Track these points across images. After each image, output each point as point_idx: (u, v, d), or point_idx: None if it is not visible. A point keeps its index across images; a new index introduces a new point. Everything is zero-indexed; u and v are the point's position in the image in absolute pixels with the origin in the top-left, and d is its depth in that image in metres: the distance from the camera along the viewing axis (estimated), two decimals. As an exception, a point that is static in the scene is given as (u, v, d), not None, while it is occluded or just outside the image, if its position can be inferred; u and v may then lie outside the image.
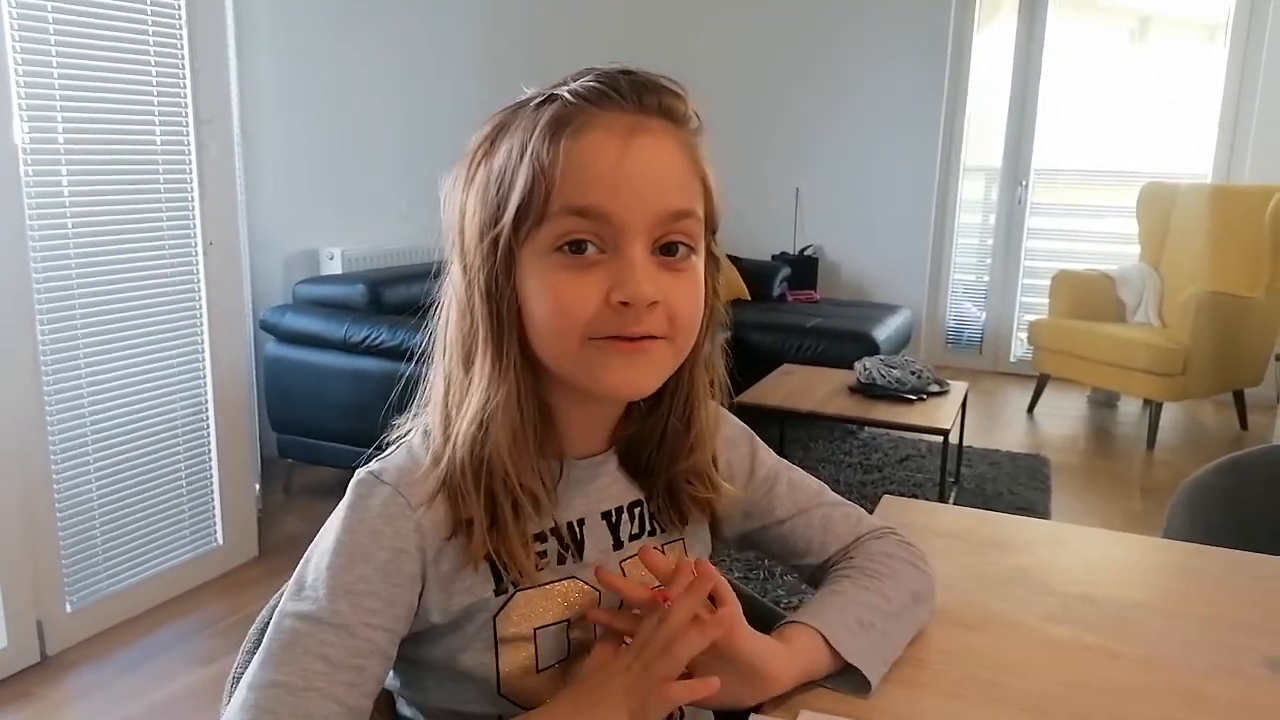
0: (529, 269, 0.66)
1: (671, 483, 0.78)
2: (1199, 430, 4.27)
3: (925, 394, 3.16)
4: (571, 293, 0.65)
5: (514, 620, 0.71)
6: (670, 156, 0.67)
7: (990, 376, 5.16)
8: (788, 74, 5.16)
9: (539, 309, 0.66)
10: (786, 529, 0.87)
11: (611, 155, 0.64)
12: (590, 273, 0.65)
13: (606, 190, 0.64)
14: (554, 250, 0.65)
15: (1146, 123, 4.86)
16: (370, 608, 0.65)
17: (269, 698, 0.62)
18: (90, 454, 2.20)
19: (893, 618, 0.79)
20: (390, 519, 0.67)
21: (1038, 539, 1.08)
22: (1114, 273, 4.41)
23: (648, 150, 0.65)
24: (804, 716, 0.72)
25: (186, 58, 2.32)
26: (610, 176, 0.64)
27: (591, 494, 0.76)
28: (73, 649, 2.18)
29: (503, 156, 0.66)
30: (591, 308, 0.65)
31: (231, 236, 2.52)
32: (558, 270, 0.65)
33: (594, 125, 0.64)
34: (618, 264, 0.65)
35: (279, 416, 3.06)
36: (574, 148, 0.63)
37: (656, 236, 0.66)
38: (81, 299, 2.14)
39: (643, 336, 0.66)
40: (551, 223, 0.64)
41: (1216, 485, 1.30)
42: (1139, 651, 0.83)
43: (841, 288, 5.20)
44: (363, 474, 0.70)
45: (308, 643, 0.63)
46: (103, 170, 2.17)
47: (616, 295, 0.64)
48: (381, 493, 0.68)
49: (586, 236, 0.64)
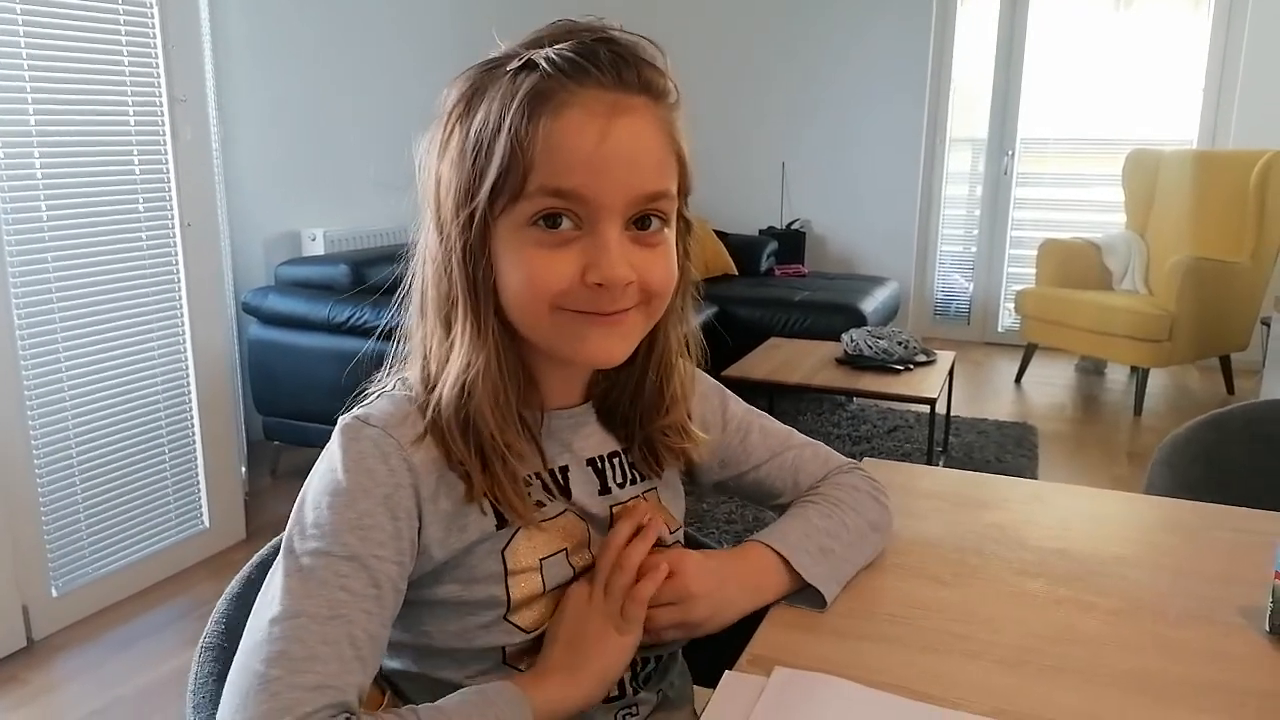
0: (504, 240, 0.67)
1: (649, 436, 0.81)
2: (1185, 396, 4.29)
3: (912, 364, 3.16)
4: (545, 268, 0.66)
5: (521, 553, 0.73)
6: (649, 137, 0.67)
7: (978, 347, 5.16)
8: (773, 48, 5.13)
9: (513, 280, 0.67)
10: (762, 473, 0.91)
11: (591, 138, 0.64)
12: (565, 249, 0.66)
13: (585, 173, 0.64)
14: (529, 225, 0.66)
15: (1132, 90, 4.84)
16: (378, 540, 0.65)
17: (295, 627, 0.61)
18: (72, 438, 2.18)
19: (850, 545, 0.85)
20: (384, 457, 0.67)
21: (1016, 497, 1.08)
22: (1100, 241, 4.41)
23: (627, 132, 0.65)
24: (778, 672, 0.71)
25: (159, 36, 2.28)
26: (589, 160, 0.64)
27: (574, 443, 0.79)
28: (59, 633, 2.17)
29: (479, 124, 0.66)
30: (564, 283, 0.66)
31: (210, 217, 2.49)
32: (532, 245, 0.66)
33: (573, 103, 0.64)
34: (593, 243, 0.66)
35: (263, 399, 3.05)
36: (553, 128, 0.63)
37: (632, 213, 0.67)
38: (58, 282, 2.12)
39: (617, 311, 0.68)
40: (528, 200, 0.65)
41: (1197, 442, 1.30)
42: (1113, 603, 0.83)
43: (829, 261, 5.19)
44: (348, 419, 0.70)
45: (324, 574, 0.63)
46: (76, 152, 2.14)
47: (592, 276, 0.65)
48: (370, 434, 0.68)
49: (562, 213, 0.65)
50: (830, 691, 0.69)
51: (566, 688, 0.71)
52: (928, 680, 0.71)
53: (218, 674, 0.70)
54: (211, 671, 0.71)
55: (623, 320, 0.69)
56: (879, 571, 0.88)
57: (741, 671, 0.72)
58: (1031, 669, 0.72)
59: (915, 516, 1.01)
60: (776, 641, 0.76)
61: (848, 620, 0.80)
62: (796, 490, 0.91)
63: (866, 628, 0.78)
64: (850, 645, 0.76)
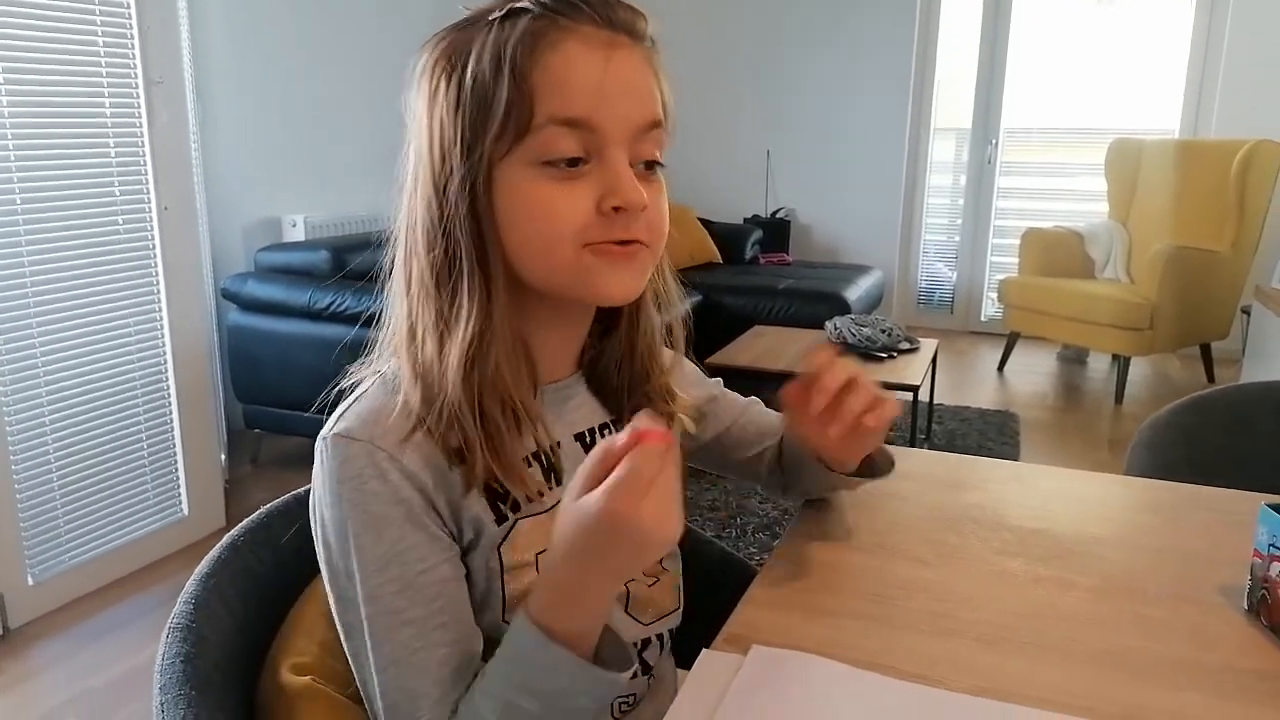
0: (510, 185, 0.66)
1: (637, 405, 0.79)
2: (1166, 384, 4.32)
3: (896, 351, 3.17)
4: (564, 203, 0.65)
5: (519, 548, 0.71)
6: (644, 71, 0.68)
7: (962, 336, 5.18)
8: (758, 37, 5.11)
9: (527, 222, 0.66)
10: (736, 429, 0.96)
11: (595, 67, 0.64)
12: (579, 182, 0.65)
13: (592, 100, 0.64)
14: (540, 164, 0.65)
15: (1114, 80, 4.85)
16: (419, 556, 0.66)
17: (391, 679, 0.65)
18: (48, 425, 2.15)
19: None
20: (381, 475, 0.65)
21: (996, 478, 1.08)
22: (1083, 230, 4.42)
23: (626, 64, 0.66)
24: (755, 650, 0.71)
25: (134, 17, 2.25)
26: (596, 87, 0.64)
27: (564, 417, 0.77)
28: (35, 622, 2.14)
29: (474, 70, 0.65)
30: (583, 215, 0.65)
31: (188, 201, 2.46)
32: (546, 183, 0.65)
33: (570, 38, 0.64)
34: (604, 172, 0.65)
35: (244, 386, 3.02)
36: (555, 60, 0.64)
37: (634, 148, 0.67)
38: (32, 267, 2.08)
39: (632, 241, 0.67)
40: (535, 135, 0.64)
41: (1177, 424, 1.30)
42: (1092, 582, 0.82)
43: (813, 250, 5.19)
44: (330, 437, 0.67)
45: (386, 621, 0.65)
46: (50, 135, 2.10)
47: (610, 201, 0.65)
48: (358, 451, 0.66)
49: (572, 148, 0.64)
50: (807, 670, 0.68)
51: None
52: (906, 658, 0.70)
53: (185, 654, 0.69)
54: (179, 652, 0.69)
55: (638, 253, 0.68)
56: (858, 551, 0.88)
57: (719, 650, 0.71)
58: (1010, 647, 0.72)
59: (895, 497, 1.00)
60: (754, 621, 0.76)
61: (826, 599, 0.79)
62: (748, 450, 0.96)
63: (845, 607, 0.78)
64: (829, 624, 0.75)
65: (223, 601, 0.76)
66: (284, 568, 0.82)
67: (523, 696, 0.62)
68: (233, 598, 0.77)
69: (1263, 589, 0.75)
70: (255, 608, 0.78)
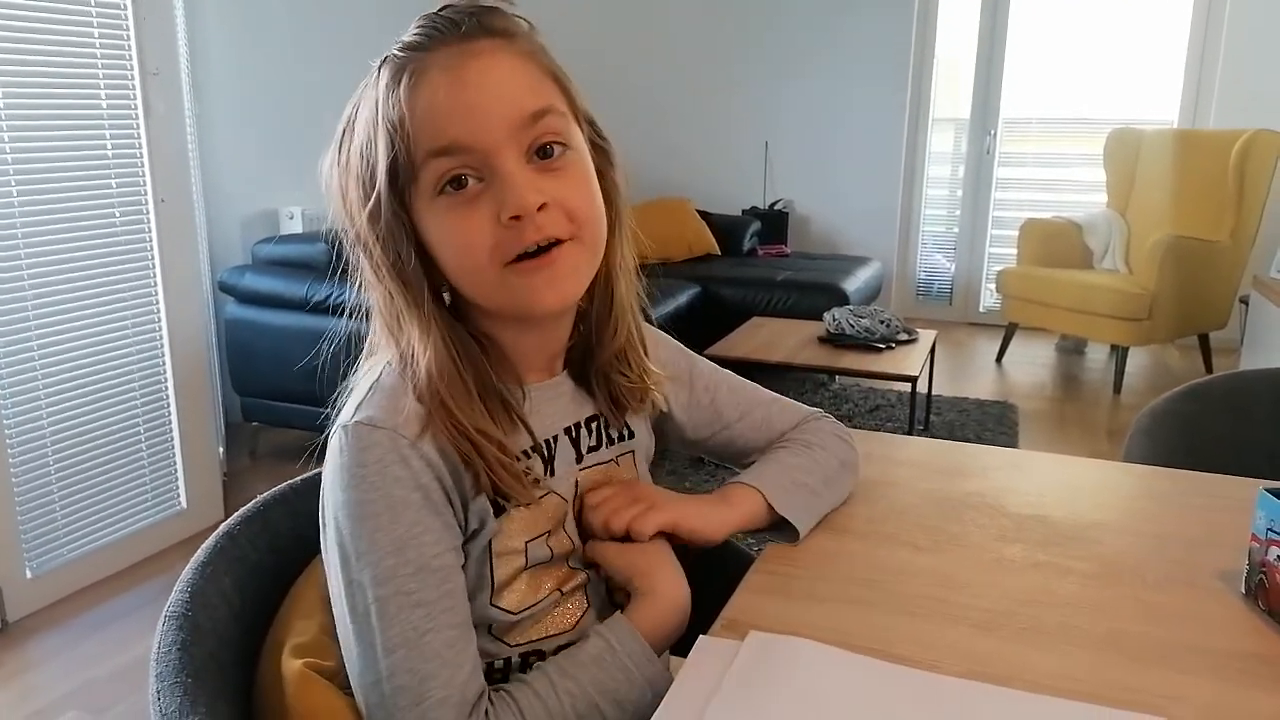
0: (425, 221, 0.69)
1: (610, 382, 0.81)
2: (1165, 374, 4.31)
3: (894, 342, 3.17)
4: (467, 227, 0.67)
5: (508, 535, 0.74)
6: (508, 68, 0.68)
7: (960, 327, 5.17)
8: (756, 27, 5.10)
9: (446, 253, 0.69)
10: (735, 432, 0.93)
11: (450, 88, 0.65)
12: (476, 203, 0.67)
13: (458, 122, 0.65)
14: (437, 195, 0.67)
15: (1114, 70, 4.84)
16: (431, 540, 0.67)
17: (400, 661, 0.65)
18: (45, 419, 2.15)
19: (823, 481, 0.89)
20: (404, 461, 0.67)
21: (994, 465, 1.08)
22: (1081, 220, 4.42)
23: (485, 71, 0.66)
24: (752, 636, 0.70)
25: (130, 7, 2.24)
26: (456, 107, 0.65)
27: (555, 413, 0.79)
28: (34, 615, 2.15)
29: (362, 129, 0.69)
30: (490, 234, 0.67)
31: (184, 193, 2.45)
32: (448, 212, 0.67)
33: (426, 68, 0.66)
34: (497, 186, 0.66)
35: (241, 379, 3.01)
36: (416, 95, 0.65)
37: (527, 144, 0.67)
38: (29, 259, 2.08)
39: (548, 245, 0.68)
40: (423, 171, 0.66)
41: (1176, 412, 1.30)
42: (1091, 567, 0.82)
43: (812, 241, 5.18)
44: (353, 425, 0.68)
45: (399, 601, 0.66)
46: (45, 127, 2.10)
47: (504, 213, 0.66)
48: (381, 438, 0.67)
49: (460, 171, 0.66)
50: (805, 655, 0.68)
51: (655, 606, 0.76)
52: (903, 643, 0.70)
53: (181, 643, 0.69)
54: (175, 640, 0.69)
55: (560, 256, 0.68)
56: (855, 537, 0.88)
57: (716, 636, 0.71)
58: (1008, 632, 0.72)
59: (894, 484, 1.00)
60: (751, 606, 0.75)
61: (823, 585, 0.79)
62: (769, 447, 0.93)
63: (842, 592, 0.78)
64: (826, 610, 0.75)
65: (219, 590, 0.76)
66: (281, 556, 0.82)
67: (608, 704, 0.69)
68: (229, 586, 0.77)
69: (1260, 573, 0.75)
70: (252, 596, 0.78)
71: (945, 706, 0.63)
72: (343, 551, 0.67)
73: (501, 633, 0.75)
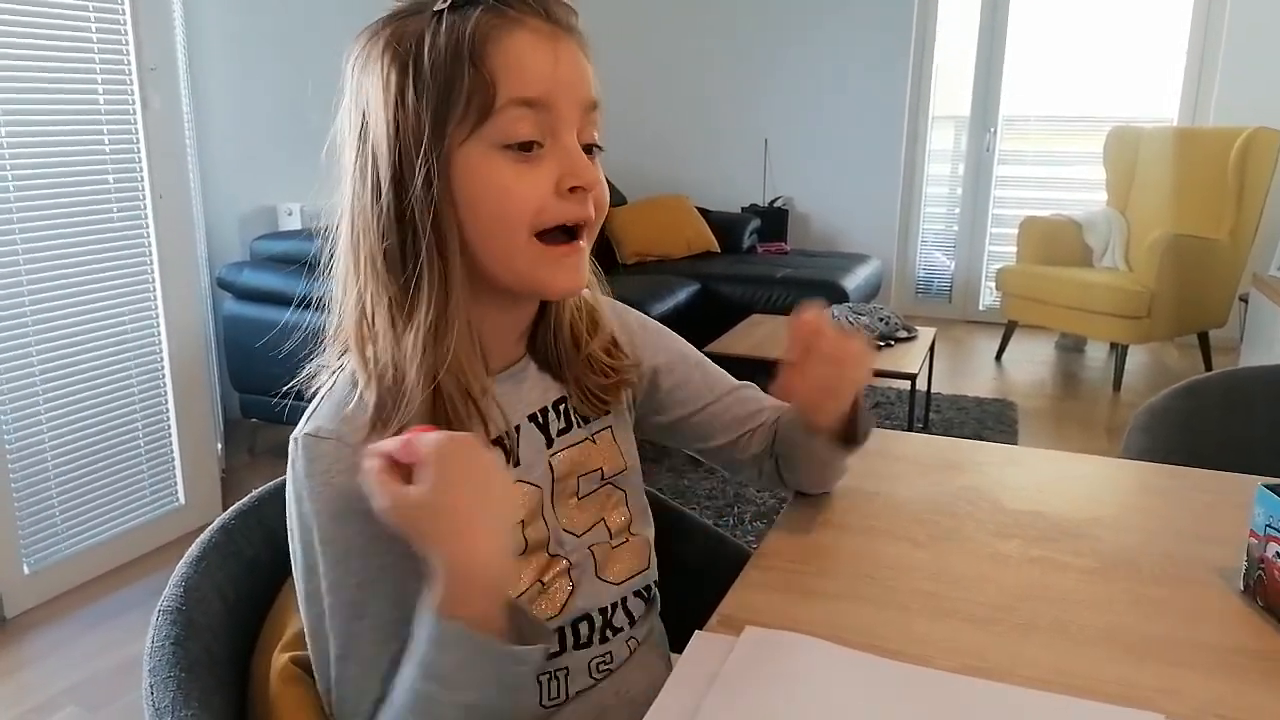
0: (468, 169, 0.67)
1: (581, 370, 0.81)
2: (1164, 372, 4.31)
3: (893, 340, 3.16)
4: (523, 184, 0.67)
5: None
6: (582, 60, 0.71)
7: (960, 325, 5.17)
8: (756, 24, 5.09)
9: (485, 206, 0.68)
10: (703, 415, 0.92)
11: (547, 53, 0.67)
12: (538, 165, 0.68)
13: (547, 83, 0.67)
14: (501, 147, 0.66)
15: (1114, 68, 4.83)
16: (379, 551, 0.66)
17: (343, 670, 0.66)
18: (43, 415, 2.15)
19: None
20: (348, 470, 0.65)
21: (991, 461, 1.08)
22: (1081, 218, 4.41)
23: (569, 51, 0.70)
24: (748, 631, 0.70)
25: (127, 2, 2.23)
26: (549, 71, 0.67)
27: (518, 400, 0.78)
28: (32, 611, 2.14)
29: (431, 59, 0.65)
30: (540, 197, 0.68)
31: (182, 189, 2.45)
32: (507, 165, 0.67)
33: (521, 28, 0.67)
34: (559, 154, 0.68)
35: (240, 375, 3.01)
36: (514, 44, 0.66)
37: (580, 131, 0.70)
38: (26, 255, 2.07)
39: (579, 226, 0.70)
40: (498, 116, 0.66)
41: (1174, 409, 1.30)
42: (1088, 563, 0.82)
43: (811, 239, 5.18)
44: (300, 437, 0.68)
45: (345, 613, 0.66)
46: (42, 122, 2.09)
47: (568, 181, 0.68)
48: (327, 448, 0.67)
49: (532, 131, 0.67)
50: (800, 650, 0.68)
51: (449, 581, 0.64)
52: (899, 638, 0.70)
53: (174, 637, 0.69)
54: (169, 635, 0.69)
55: (579, 248, 0.71)
56: (852, 533, 0.88)
57: (712, 632, 0.71)
58: (1004, 627, 0.72)
59: (890, 480, 1.00)
60: (747, 602, 0.75)
61: (820, 581, 0.79)
62: (728, 433, 0.92)
63: (838, 588, 0.78)
64: (821, 605, 0.75)
65: (213, 585, 0.76)
66: (276, 552, 0.81)
67: (430, 683, 0.61)
68: (223, 581, 0.77)
69: (1259, 569, 0.75)
70: (246, 591, 0.78)
71: (941, 702, 0.63)
72: (297, 561, 0.68)
73: None
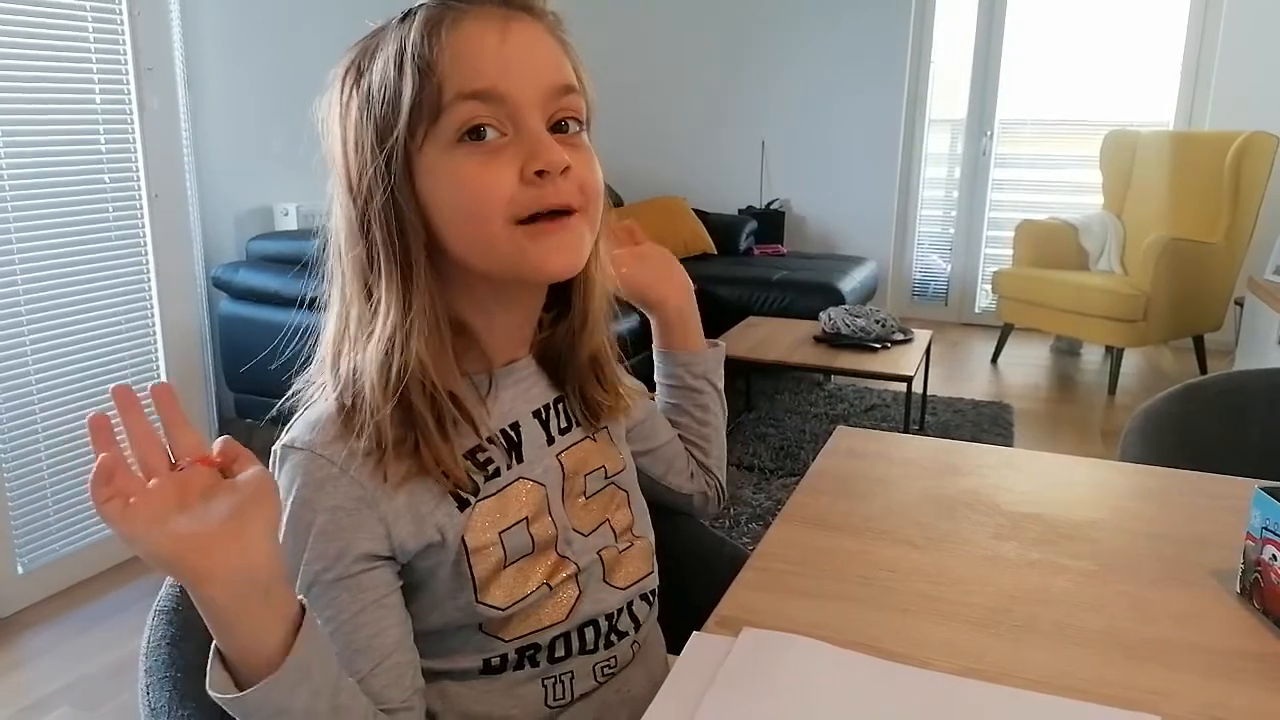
0: (432, 170, 0.66)
1: (581, 379, 0.81)
2: (1159, 376, 4.32)
3: (889, 342, 3.16)
4: (487, 176, 0.65)
5: (479, 529, 0.72)
6: (545, 42, 0.69)
7: (956, 328, 5.18)
8: (753, 26, 5.09)
9: (454, 204, 0.66)
10: (665, 451, 0.97)
11: (493, 39, 0.65)
12: (499, 156, 0.65)
13: (497, 70, 0.65)
14: (457, 143, 0.65)
15: (1110, 72, 4.84)
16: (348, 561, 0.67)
17: None
18: (37, 413, 2.14)
19: None
20: (317, 483, 0.67)
21: (989, 463, 1.08)
22: (1077, 221, 4.42)
23: (523, 35, 0.67)
24: (745, 632, 0.70)
25: (124, 2, 2.23)
26: (497, 57, 0.65)
27: (519, 396, 0.78)
28: (26, 610, 2.14)
29: (380, 71, 0.66)
30: (509, 187, 0.65)
31: (178, 189, 2.45)
32: (466, 160, 0.65)
33: (467, 17, 0.66)
34: (522, 141, 0.66)
35: (235, 375, 3.00)
36: (456, 38, 0.65)
37: (550, 114, 0.67)
38: (21, 255, 2.07)
39: (563, 210, 0.67)
40: (448, 114, 0.64)
41: (1170, 412, 1.30)
42: (1085, 565, 0.82)
43: (808, 241, 5.18)
44: (279, 449, 0.70)
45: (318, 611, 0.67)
46: (39, 122, 2.09)
47: (531, 166, 0.65)
48: (301, 459, 0.68)
49: (487, 121, 0.65)
50: (797, 651, 0.68)
51: None
52: (897, 640, 0.70)
53: (170, 637, 0.69)
54: (165, 635, 0.69)
55: (571, 224, 0.68)
56: (850, 535, 0.88)
57: (709, 633, 0.71)
58: (1002, 629, 0.72)
59: (888, 482, 1.00)
60: (745, 603, 0.75)
61: (817, 582, 0.79)
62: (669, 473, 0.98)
63: (836, 589, 0.77)
64: (819, 606, 0.75)
65: (209, 584, 0.75)
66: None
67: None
68: (220, 581, 0.76)
69: (1255, 572, 0.75)
70: (242, 591, 0.78)
71: (938, 704, 0.63)
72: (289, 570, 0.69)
73: (494, 629, 0.74)
